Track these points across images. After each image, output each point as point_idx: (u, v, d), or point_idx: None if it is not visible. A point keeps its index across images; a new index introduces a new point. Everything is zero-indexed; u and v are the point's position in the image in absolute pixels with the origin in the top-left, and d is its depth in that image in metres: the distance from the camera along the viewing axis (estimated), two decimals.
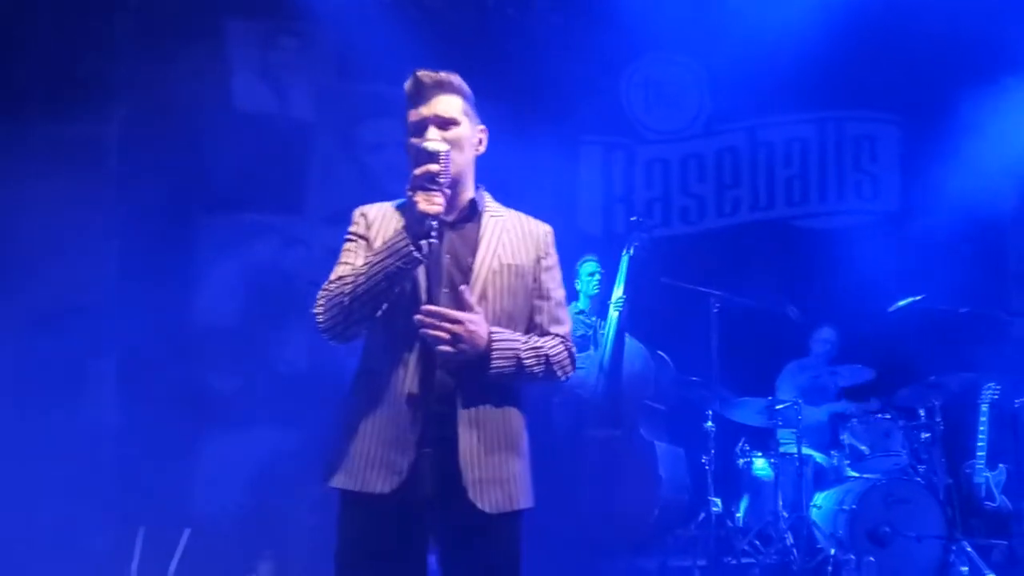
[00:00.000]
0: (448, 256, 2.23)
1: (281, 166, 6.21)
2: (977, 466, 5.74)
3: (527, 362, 2.21)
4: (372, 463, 2.14)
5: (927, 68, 6.70)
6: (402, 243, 2.10)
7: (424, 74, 2.27)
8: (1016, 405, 5.73)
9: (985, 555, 5.13)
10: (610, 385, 5.18)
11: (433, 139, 2.18)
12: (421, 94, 2.26)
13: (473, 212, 2.32)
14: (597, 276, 5.46)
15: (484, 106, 2.42)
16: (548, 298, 2.34)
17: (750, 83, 6.48)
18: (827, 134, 7.26)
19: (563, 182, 6.74)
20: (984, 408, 5.72)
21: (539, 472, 2.38)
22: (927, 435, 5.38)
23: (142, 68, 5.95)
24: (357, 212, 2.34)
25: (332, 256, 2.31)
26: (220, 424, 5.86)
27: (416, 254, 2.09)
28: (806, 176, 7.21)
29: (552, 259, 2.38)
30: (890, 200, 7.20)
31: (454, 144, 2.22)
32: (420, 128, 2.24)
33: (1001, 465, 5.75)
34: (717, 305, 5.23)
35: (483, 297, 2.22)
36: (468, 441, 2.15)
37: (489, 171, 2.46)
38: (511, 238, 2.31)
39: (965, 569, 4.89)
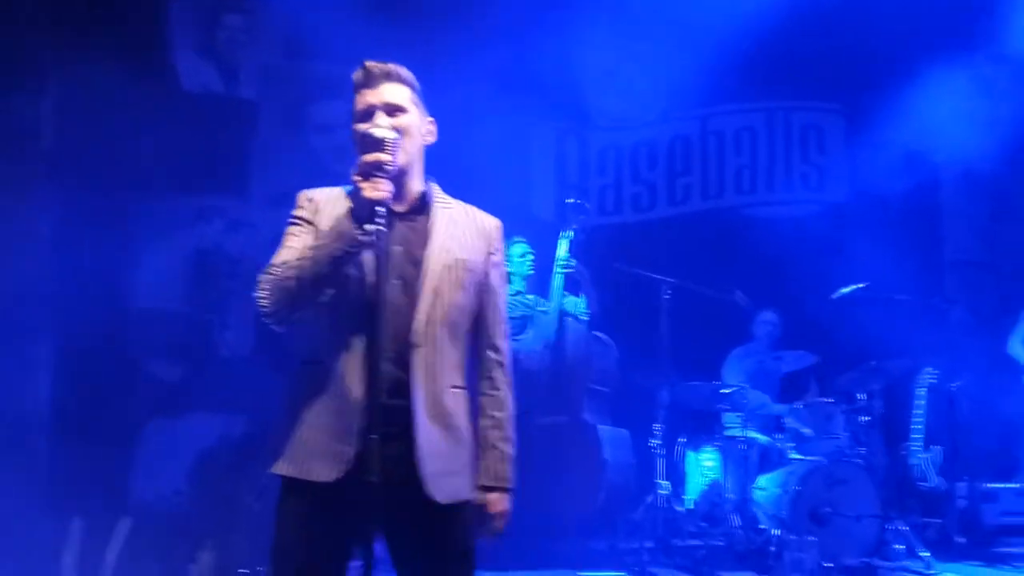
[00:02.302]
0: (399, 248, 2.22)
1: (225, 147, 6.06)
2: (913, 448, 5.93)
3: (513, 446, 2.35)
4: (316, 451, 2.15)
5: (871, 58, 6.83)
6: (348, 226, 2.09)
7: (372, 64, 2.27)
8: (952, 389, 5.93)
9: (920, 533, 5.31)
10: (554, 369, 5.22)
11: (381, 126, 2.17)
12: (368, 82, 2.26)
13: (424, 204, 2.31)
14: (529, 257, 5.45)
15: (437, 90, 2.41)
16: (497, 293, 2.38)
17: (703, 72, 6.53)
18: (776, 124, 7.38)
19: (516, 167, 6.73)
20: (921, 392, 5.91)
21: None
22: (867, 418, 5.54)
23: (79, 42, 5.72)
24: (303, 196, 2.32)
25: (278, 239, 2.28)
26: (160, 411, 5.72)
27: (363, 237, 2.08)
28: (755, 165, 7.33)
29: (501, 254, 2.41)
30: (836, 190, 7.35)
31: (402, 132, 2.21)
32: (367, 115, 2.23)
33: (936, 447, 5.95)
34: (668, 292, 5.29)
35: (435, 292, 2.22)
36: (426, 434, 2.17)
37: (442, 155, 2.45)
38: (462, 231, 2.32)
39: (900, 547, 5.04)
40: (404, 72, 2.30)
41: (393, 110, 2.24)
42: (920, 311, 5.73)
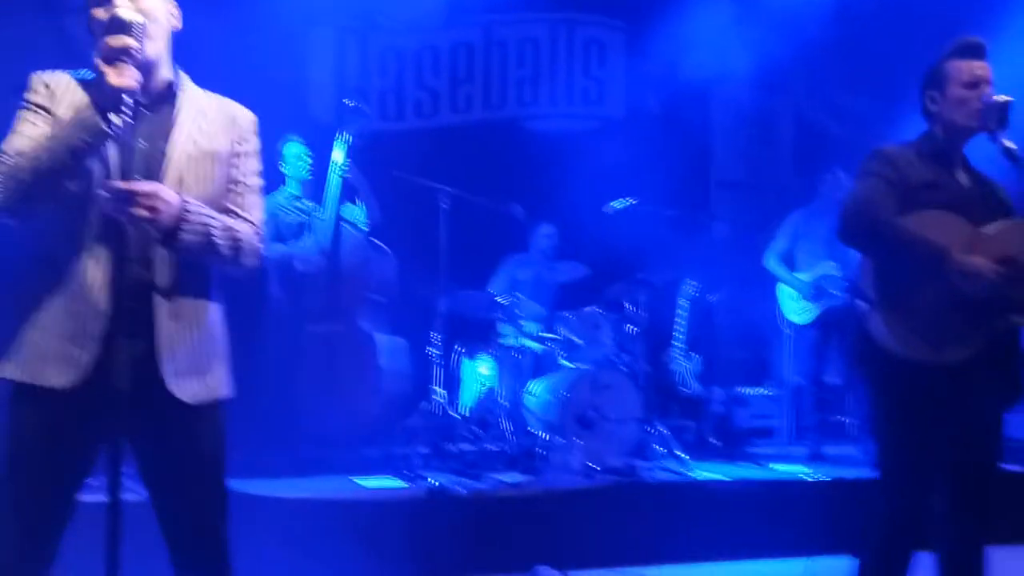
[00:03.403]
0: (141, 140, 2.12)
1: None
2: (675, 356, 6.30)
3: (217, 239, 2.16)
4: (48, 355, 2.05)
5: None
6: (90, 116, 1.97)
7: None
8: (711, 301, 6.31)
9: (678, 435, 5.62)
10: (330, 277, 5.10)
11: (124, 6, 2.04)
12: None
13: (169, 94, 2.21)
14: (306, 159, 5.26)
15: None
16: (242, 183, 2.30)
17: None
18: (559, 36, 7.41)
19: (293, 67, 6.45)
20: (683, 303, 6.25)
21: (258, 366, 2.36)
22: (633, 328, 5.79)
23: None
24: (37, 80, 2.18)
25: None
26: None
27: (105, 128, 1.96)
28: (537, 78, 7.36)
29: (251, 145, 2.33)
30: (613, 106, 7.52)
31: (147, 15, 2.09)
32: None
33: (695, 355, 6.35)
34: (447, 201, 5.27)
35: (180, 182, 2.15)
36: (166, 334, 2.11)
37: (214, 53, 2.32)
38: (210, 122, 2.25)
39: (660, 448, 5.32)
40: None
41: None
42: (685, 227, 5.99)
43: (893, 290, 2.82)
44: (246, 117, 2.33)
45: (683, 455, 5.24)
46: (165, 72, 2.22)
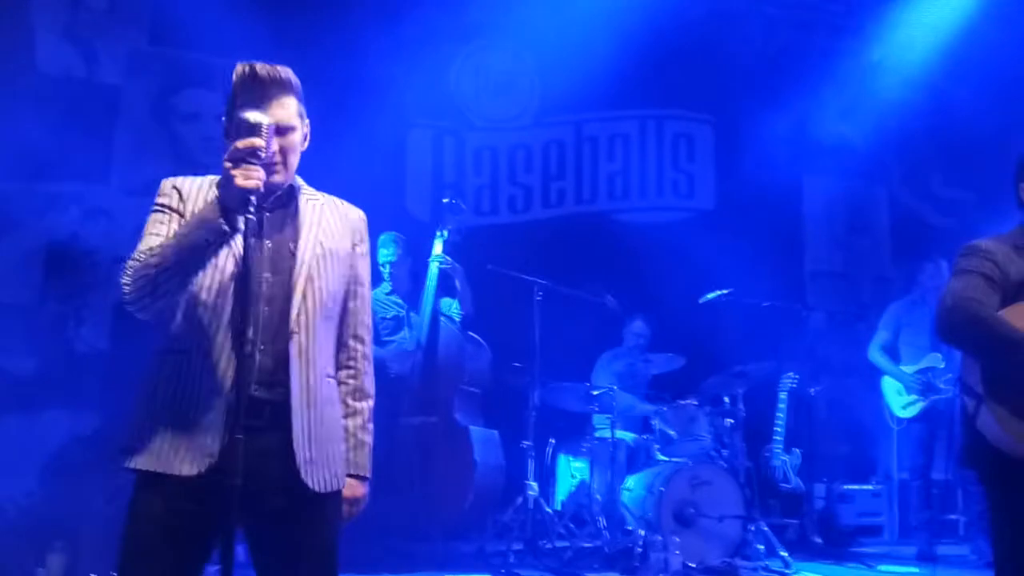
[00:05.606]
0: (269, 240, 2.20)
1: (85, 133, 5.83)
2: (775, 450, 6.12)
3: (371, 436, 2.39)
4: (178, 445, 2.08)
5: (739, 73, 7.07)
6: (214, 216, 2.04)
7: (262, 68, 2.19)
8: (811, 393, 6.15)
9: (779, 533, 5.45)
10: (426, 369, 5.19)
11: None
12: (257, 92, 2.17)
13: (290, 196, 2.30)
14: (388, 268, 5.41)
15: (309, 86, 2.37)
16: (362, 284, 2.40)
17: (577, 78, 6.60)
18: (648, 131, 7.52)
19: (391, 166, 6.68)
20: (783, 396, 6.11)
21: None
22: (730, 421, 5.67)
23: None
24: (168, 184, 2.26)
25: (139, 230, 2.21)
26: (10, 408, 5.47)
27: (225, 227, 2.03)
28: (627, 172, 7.45)
29: (366, 246, 2.43)
30: (704, 198, 7.54)
31: (289, 150, 2.21)
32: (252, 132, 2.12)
33: (796, 449, 6.15)
34: (540, 293, 5.32)
35: (310, 280, 2.22)
36: (301, 422, 2.15)
37: (316, 153, 2.43)
38: (330, 223, 2.33)
39: (761, 547, 5.16)
40: (293, 78, 2.24)
41: (284, 131, 2.19)
42: (781, 317, 5.90)
43: (1002, 386, 2.68)
44: (360, 217, 2.41)
45: (785, 554, 5.06)
46: (290, 178, 2.30)
